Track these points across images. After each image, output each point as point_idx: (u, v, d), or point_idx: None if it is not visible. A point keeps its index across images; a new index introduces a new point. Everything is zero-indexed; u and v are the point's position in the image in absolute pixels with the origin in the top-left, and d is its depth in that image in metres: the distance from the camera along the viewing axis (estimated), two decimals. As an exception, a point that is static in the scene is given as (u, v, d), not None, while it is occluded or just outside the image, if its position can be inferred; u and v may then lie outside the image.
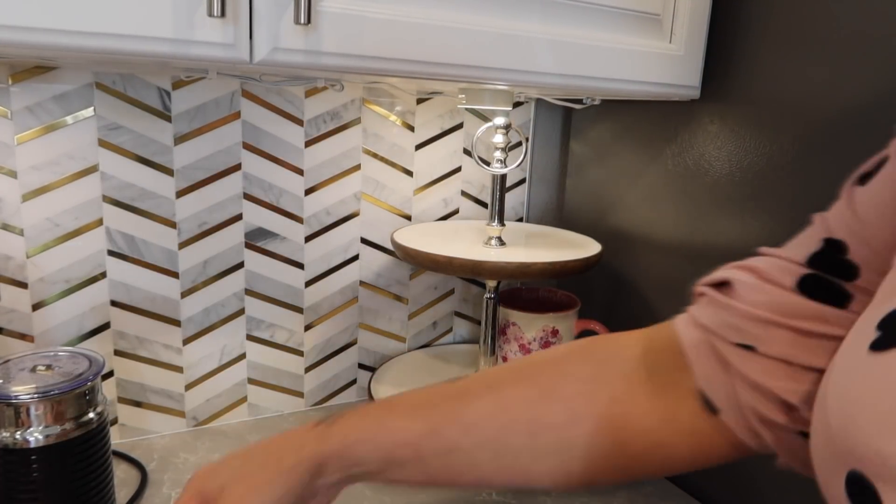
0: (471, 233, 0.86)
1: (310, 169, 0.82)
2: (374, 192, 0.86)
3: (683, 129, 0.74)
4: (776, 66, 0.63)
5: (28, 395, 0.53)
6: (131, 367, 0.77)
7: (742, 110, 0.67)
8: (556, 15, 0.59)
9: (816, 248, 0.35)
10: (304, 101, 0.80)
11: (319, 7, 0.48)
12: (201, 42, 0.45)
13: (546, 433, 0.41)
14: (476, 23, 0.55)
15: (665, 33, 0.66)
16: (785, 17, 0.62)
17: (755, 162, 0.66)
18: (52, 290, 0.71)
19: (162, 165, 0.73)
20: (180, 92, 0.73)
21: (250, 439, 0.80)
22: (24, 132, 0.67)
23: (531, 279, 0.91)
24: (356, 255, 0.87)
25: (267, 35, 0.47)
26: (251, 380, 0.84)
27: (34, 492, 0.54)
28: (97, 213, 0.71)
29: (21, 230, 0.69)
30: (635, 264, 0.82)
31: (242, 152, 0.77)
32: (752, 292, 0.36)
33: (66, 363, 0.58)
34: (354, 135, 0.84)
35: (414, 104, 0.87)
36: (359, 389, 0.92)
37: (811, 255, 0.35)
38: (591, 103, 0.83)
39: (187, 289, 0.78)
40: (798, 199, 0.62)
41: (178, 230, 0.76)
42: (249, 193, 0.79)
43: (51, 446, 0.53)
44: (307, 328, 0.86)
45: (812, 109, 0.60)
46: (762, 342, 0.34)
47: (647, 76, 0.65)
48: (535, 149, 0.97)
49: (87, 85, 0.69)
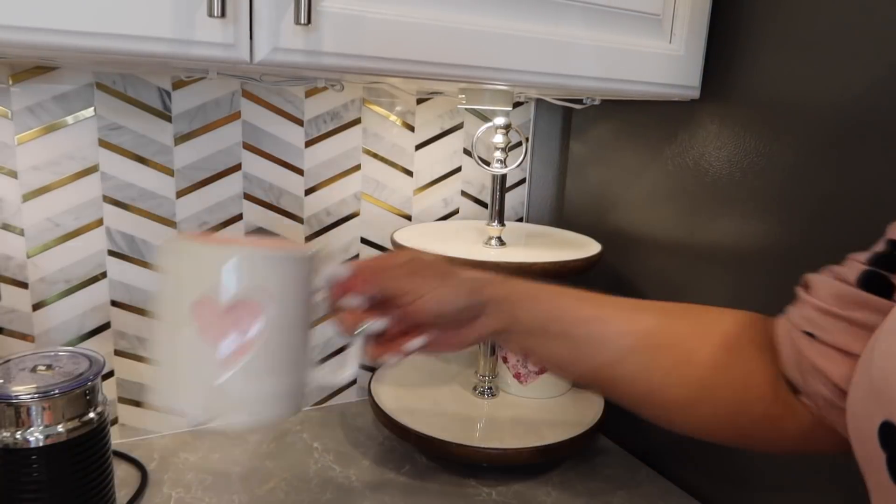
0: (471, 233, 0.86)
1: (310, 169, 0.82)
2: (374, 192, 0.87)
3: (683, 129, 0.74)
4: (776, 66, 0.63)
5: (29, 395, 0.53)
6: (131, 367, 0.77)
7: (742, 110, 0.67)
8: (556, 15, 0.59)
9: (881, 249, 0.38)
10: (304, 101, 0.80)
11: (319, 7, 0.48)
12: (201, 42, 0.45)
13: (689, 370, 0.45)
14: (476, 23, 0.55)
15: (665, 33, 0.66)
16: (785, 17, 0.62)
17: (755, 162, 0.66)
18: (53, 290, 0.71)
19: (162, 165, 0.74)
20: (180, 92, 0.73)
21: (250, 439, 0.80)
22: (25, 132, 0.67)
23: (531, 279, 0.91)
24: (356, 256, 0.87)
25: (267, 35, 0.47)
26: (251, 380, 0.84)
27: (34, 492, 0.54)
28: (97, 213, 0.71)
29: (21, 230, 0.69)
30: (635, 264, 0.82)
31: (242, 152, 0.77)
32: (823, 288, 0.40)
33: (67, 363, 0.58)
34: (354, 135, 0.84)
35: (414, 104, 0.87)
36: (359, 389, 0.92)
37: (875, 254, 0.38)
38: (591, 103, 0.83)
39: (187, 289, 0.78)
40: (798, 199, 0.62)
41: (179, 230, 0.76)
42: (249, 193, 0.79)
43: (51, 446, 0.53)
44: (307, 328, 0.86)
45: (812, 109, 0.60)
46: (822, 330, 0.39)
47: (647, 76, 0.65)
48: (535, 149, 0.97)
49: (88, 85, 0.69)
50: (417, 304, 0.47)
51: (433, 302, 0.47)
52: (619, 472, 0.78)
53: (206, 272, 0.42)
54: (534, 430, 0.76)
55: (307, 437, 0.82)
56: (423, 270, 0.49)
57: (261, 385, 0.43)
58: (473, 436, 0.75)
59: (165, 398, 0.44)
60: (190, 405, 0.44)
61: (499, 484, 0.73)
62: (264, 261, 0.43)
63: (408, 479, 0.74)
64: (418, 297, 0.47)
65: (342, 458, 0.77)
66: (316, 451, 0.78)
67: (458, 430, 0.75)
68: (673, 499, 0.73)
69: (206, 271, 0.42)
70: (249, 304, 0.41)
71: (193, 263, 0.43)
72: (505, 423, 0.78)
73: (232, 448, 0.78)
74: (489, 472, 0.75)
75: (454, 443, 0.72)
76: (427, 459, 0.78)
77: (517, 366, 0.85)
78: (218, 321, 0.41)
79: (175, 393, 0.44)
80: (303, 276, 0.45)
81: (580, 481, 0.75)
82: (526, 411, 0.82)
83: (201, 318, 0.41)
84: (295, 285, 0.44)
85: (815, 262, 0.43)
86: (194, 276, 0.42)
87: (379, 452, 0.79)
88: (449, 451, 0.73)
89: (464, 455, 0.72)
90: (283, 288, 0.43)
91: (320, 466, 0.75)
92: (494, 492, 0.72)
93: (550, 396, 0.86)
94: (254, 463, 0.75)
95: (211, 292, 0.41)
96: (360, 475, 0.74)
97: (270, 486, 0.71)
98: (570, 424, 0.78)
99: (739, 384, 0.44)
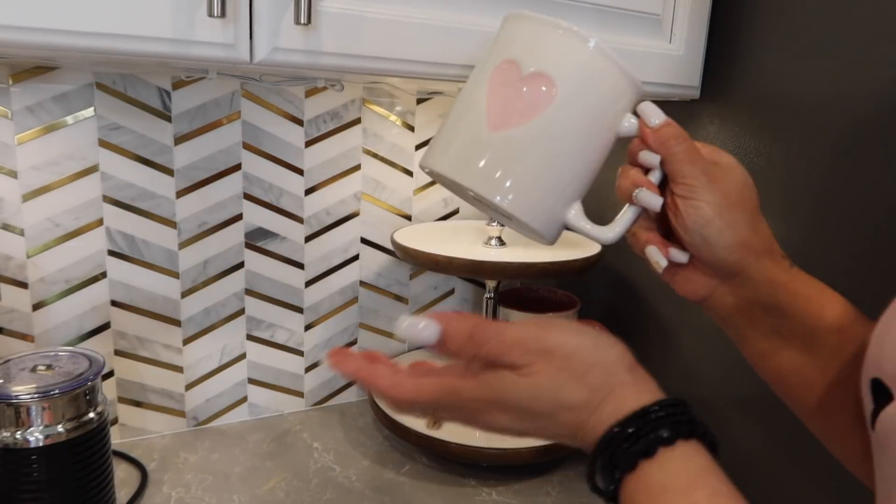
0: (471, 233, 0.86)
1: (310, 169, 0.82)
2: (374, 192, 0.87)
3: (683, 129, 0.74)
4: (776, 66, 0.63)
5: (28, 395, 0.53)
6: (131, 367, 0.77)
7: (742, 110, 0.67)
8: (556, 15, 0.59)
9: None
10: (304, 101, 0.80)
11: (319, 7, 0.48)
12: (201, 42, 0.45)
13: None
14: (476, 23, 0.55)
15: (665, 33, 0.66)
16: (785, 16, 0.62)
17: (755, 162, 0.66)
18: (53, 290, 0.71)
19: (162, 165, 0.73)
20: (180, 92, 0.73)
21: (250, 439, 0.80)
22: (25, 132, 0.67)
23: (531, 279, 0.91)
24: (356, 255, 0.87)
25: (267, 35, 0.47)
26: (251, 380, 0.84)
27: (35, 492, 0.54)
28: (97, 213, 0.71)
29: (21, 230, 0.69)
30: (635, 264, 0.82)
31: (242, 152, 0.77)
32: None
33: (67, 363, 0.58)
34: (354, 135, 0.84)
35: (414, 104, 0.87)
36: (359, 389, 0.92)
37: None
38: (591, 103, 0.83)
39: (187, 289, 0.78)
40: (798, 199, 0.62)
41: (179, 230, 0.76)
42: (249, 193, 0.79)
43: (51, 446, 0.53)
44: (307, 328, 0.86)
45: (812, 109, 0.60)
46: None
47: (646, 76, 0.65)
48: (535, 149, 0.97)
49: (88, 85, 0.69)
50: (683, 203, 0.41)
51: (698, 213, 0.41)
52: (619, 472, 0.78)
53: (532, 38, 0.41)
54: (534, 430, 0.76)
55: (307, 437, 0.82)
56: (725, 181, 0.42)
57: (522, 169, 0.40)
58: (473, 436, 0.75)
59: (429, 156, 0.43)
60: (450, 163, 0.42)
61: (499, 484, 0.73)
62: (598, 56, 0.40)
63: (408, 479, 0.74)
64: (691, 195, 0.41)
65: (342, 458, 0.77)
66: (316, 451, 0.78)
67: (458, 430, 0.75)
68: (673, 499, 0.73)
69: (534, 37, 0.41)
70: (548, 81, 0.40)
71: (529, 29, 0.41)
72: (505, 423, 0.78)
73: (232, 448, 0.78)
74: (489, 472, 0.75)
75: (454, 443, 0.72)
76: (427, 459, 0.78)
77: (517, 366, 0.85)
78: (508, 85, 0.40)
79: (441, 149, 0.42)
80: (616, 98, 0.42)
81: (580, 481, 0.75)
82: (526, 411, 0.82)
83: (496, 79, 0.40)
84: (608, 99, 0.41)
85: (815, 263, 0.43)
86: (517, 40, 0.41)
87: (379, 452, 0.79)
88: (449, 451, 0.73)
89: (464, 455, 0.72)
90: (596, 93, 0.41)
91: (320, 466, 0.75)
92: (494, 492, 0.72)
93: (550, 396, 0.86)
94: (254, 463, 0.75)
95: (517, 56, 0.40)
96: (360, 475, 0.74)
97: (270, 486, 0.71)
98: (570, 424, 0.77)
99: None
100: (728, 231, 0.41)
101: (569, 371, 0.35)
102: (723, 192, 0.41)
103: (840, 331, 0.40)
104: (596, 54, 0.41)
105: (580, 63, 0.40)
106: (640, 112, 0.42)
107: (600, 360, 0.36)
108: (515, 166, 0.40)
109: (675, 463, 0.32)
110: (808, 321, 0.41)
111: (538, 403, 0.35)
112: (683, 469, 0.32)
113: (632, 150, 0.43)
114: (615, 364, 0.36)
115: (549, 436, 0.37)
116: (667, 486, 0.31)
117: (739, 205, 0.41)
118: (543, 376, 0.35)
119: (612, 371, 0.35)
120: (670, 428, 0.32)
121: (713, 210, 0.41)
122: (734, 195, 0.41)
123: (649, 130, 0.42)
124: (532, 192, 0.41)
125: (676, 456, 0.32)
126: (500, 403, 0.36)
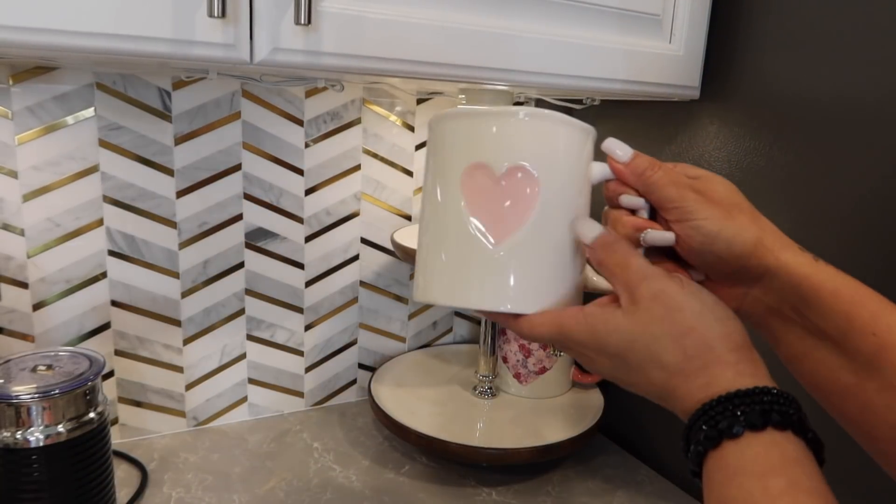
0: (471, 233, 0.86)
1: (310, 169, 0.82)
2: (374, 192, 0.87)
3: (683, 129, 0.74)
4: (776, 66, 0.63)
5: (29, 395, 0.53)
6: (132, 367, 0.77)
7: (742, 110, 0.67)
8: (556, 15, 0.59)
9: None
10: (304, 102, 0.80)
11: (319, 7, 0.48)
12: (202, 42, 0.45)
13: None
14: (476, 23, 0.55)
15: (665, 33, 0.66)
16: (785, 17, 0.62)
17: (755, 162, 0.66)
18: (53, 290, 0.71)
19: (162, 165, 0.74)
20: (181, 92, 0.73)
21: (250, 439, 0.80)
22: (25, 132, 0.67)
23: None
24: (356, 255, 0.87)
25: (267, 35, 0.47)
26: (251, 380, 0.84)
27: (35, 492, 0.54)
28: (97, 213, 0.71)
29: (22, 230, 0.69)
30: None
31: (242, 152, 0.77)
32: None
33: (67, 363, 0.58)
34: (354, 135, 0.84)
35: (414, 104, 0.87)
36: (359, 389, 0.92)
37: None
38: (591, 103, 0.83)
39: (187, 289, 0.78)
40: (798, 199, 0.62)
41: (179, 230, 0.76)
42: (249, 193, 0.79)
43: (51, 446, 0.54)
44: (307, 328, 0.86)
45: (812, 109, 0.60)
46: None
47: (647, 76, 0.65)
48: (535, 149, 0.97)
49: (88, 85, 0.69)
50: (682, 228, 0.40)
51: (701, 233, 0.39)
52: (619, 472, 0.78)
53: (480, 136, 0.38)
54: (534, 430, 0.76)
55: (307, 437, 0.82)
56: (712, 192, 0.41)
57: (534, 267, 0.39)
58: (473, 436, 0.75)
59: (424, 288, 0.40)
60: (454, 290, 0.39)
61: (499, 484, 0.73)
62: (546, 123, 0.38)
63: (408, 479, 0.74)
64: (687, 217, 0.39)
65: (342, 458, 0.77)
66: (316, 451, 0.78)
67: (458, 430, 0.75)
68: (673, 499, 0.73)
69: (479, 135, 0.38)
70: (524, 169, 0.37)
71: (467, 128, 0.39)
72: (505, 423, 0.79)
73: (232, 448, 0.78)
74: (489, 472, 0.75)
75: (454, 443, 0.72)
76: (427, 459, 0.78)
77: (517, 366, 0.85)
78: (488, 190, 0.37)
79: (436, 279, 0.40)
80: (581, 150, 0.39)
81: (580, 481, 0.75)
82: (526, 411, 0.82)
83: (470, 189, 0.38)
84: (576, 157, 0.39)
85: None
86: (466, 143, 0.39)
87: (379, 452, 0.79)
88: (449, 451, 0.73)
89: (464, 455, 0.72)
90: (565, 157, 0.38)
91: (320, 466, 0.75)
92: (494, 492, 0.72)
93: (550, 396, 0.86)
94: (254, 463, 0.75)
95: (483, 159, 0.37)
96: (360, 475, 0.74)
97: (270, 486, 0.71)
98: (570, 424, 0.78)
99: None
100: (737, 239, 0.40)
101: (668, 323, 0.35)
102: (716, 203, 0.40)
103: (876, 333, 0.38)
104: (554, 123, 0.39)
105: (543, 137, 0.39)
106: (606, 149, 0.41)
107: (701, 328, 0.35)
108: (530, 265, 0.39)
109: (757, 448, 0.32)
110: (838, 319, 0.39)
111: (632, 351, 0.36)
112: (764, 455, 0.31)
113: (609, 196, 0.43)
114: (717, 339, 0.35)
115: (643, 392, 0.38)
116: (744, 469, 0.31)
117: (736, 209, 0.41)
118: (644, 318, 0.36)
119: (712, 346, 0.35)
120: (760, 415, 0.32)
121: (714, 224, 0.40)
122: (727, 202, 0.41)
123: (621, 167, 0.41)
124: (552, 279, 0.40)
125: (761, 442, 0.32)
126: (600, 348, 0.37)
